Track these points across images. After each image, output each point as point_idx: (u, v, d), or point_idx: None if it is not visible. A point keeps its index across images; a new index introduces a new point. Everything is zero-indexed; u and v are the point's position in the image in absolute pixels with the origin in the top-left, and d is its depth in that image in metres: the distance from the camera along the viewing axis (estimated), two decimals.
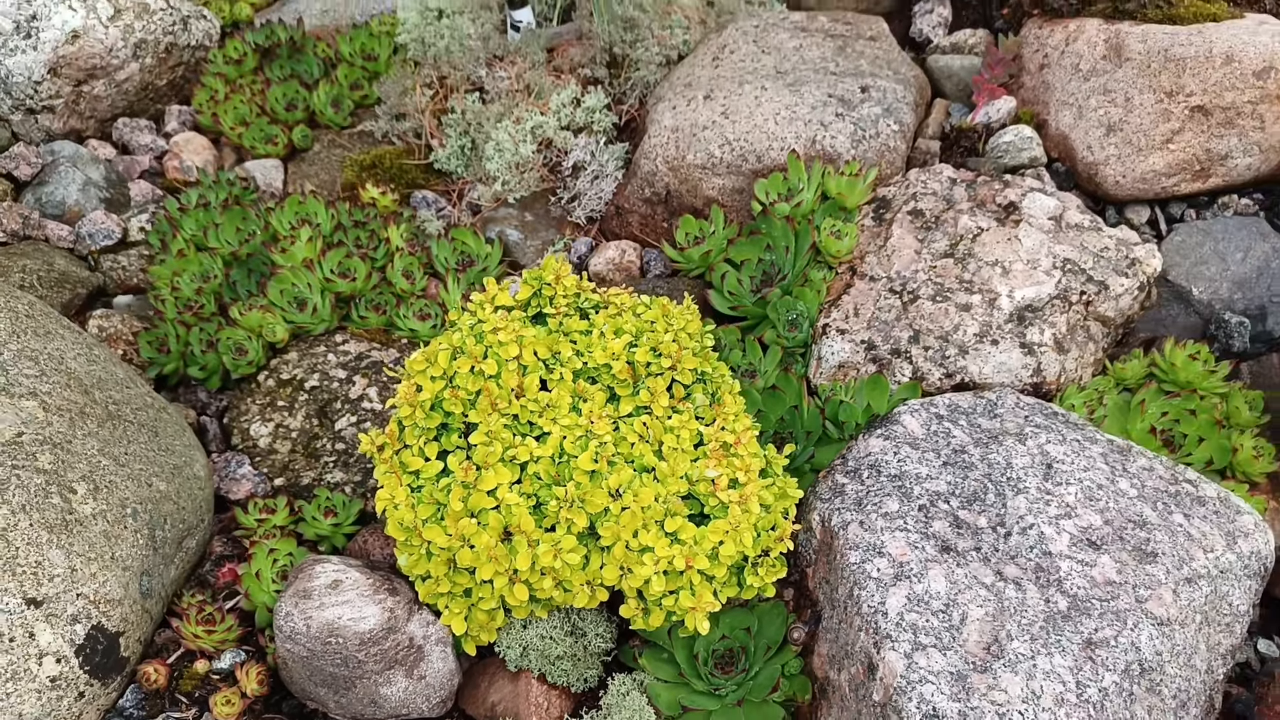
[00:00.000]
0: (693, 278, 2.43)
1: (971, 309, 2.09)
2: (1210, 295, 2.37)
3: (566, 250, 2.64)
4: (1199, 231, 2.45)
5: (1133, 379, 2.15)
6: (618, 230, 2.68)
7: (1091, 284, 2.13)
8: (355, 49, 3.17)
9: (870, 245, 2.26)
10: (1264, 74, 2.33)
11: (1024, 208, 2.24)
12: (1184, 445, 2.02)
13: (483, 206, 2.80)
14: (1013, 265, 2.14)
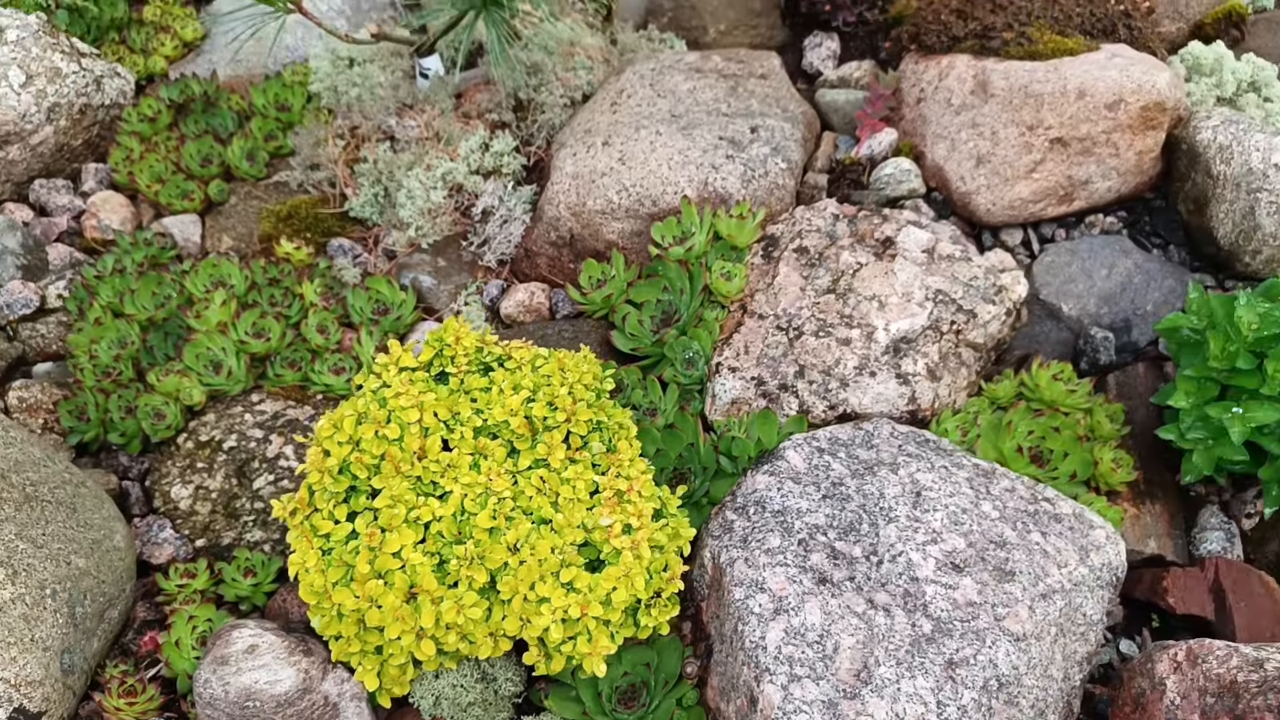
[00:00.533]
0: (597, 319, 2.54)
1: (851, 343, 2.23)
2: (1079, 311, 2.54)
3: (479, 293, 2.75)
4: (1067, 251, 2.62)
5: (1005, 399, 2.31)
6: (528, 272, 2.78)
7: (961, 313, 2.29)
8: (269, 100, 3.24)
9: (760, 283, 2.40)
10: (1114, 106, 2.50)
11: (899, 242, 2.40)
12: (1051, 460, 2.19)
13: (398, 252, 2.89)
14: (889, 299, 2.29)
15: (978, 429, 2.24)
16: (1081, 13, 2.79)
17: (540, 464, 1.89)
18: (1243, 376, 2.03)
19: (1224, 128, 2.54)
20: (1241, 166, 2.48)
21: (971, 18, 2.81)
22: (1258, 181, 2.46)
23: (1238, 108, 2.91)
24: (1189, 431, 2.09)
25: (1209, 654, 1.61)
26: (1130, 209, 2.77)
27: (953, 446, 2.07)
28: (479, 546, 1.71)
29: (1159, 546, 2.15)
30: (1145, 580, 2.10)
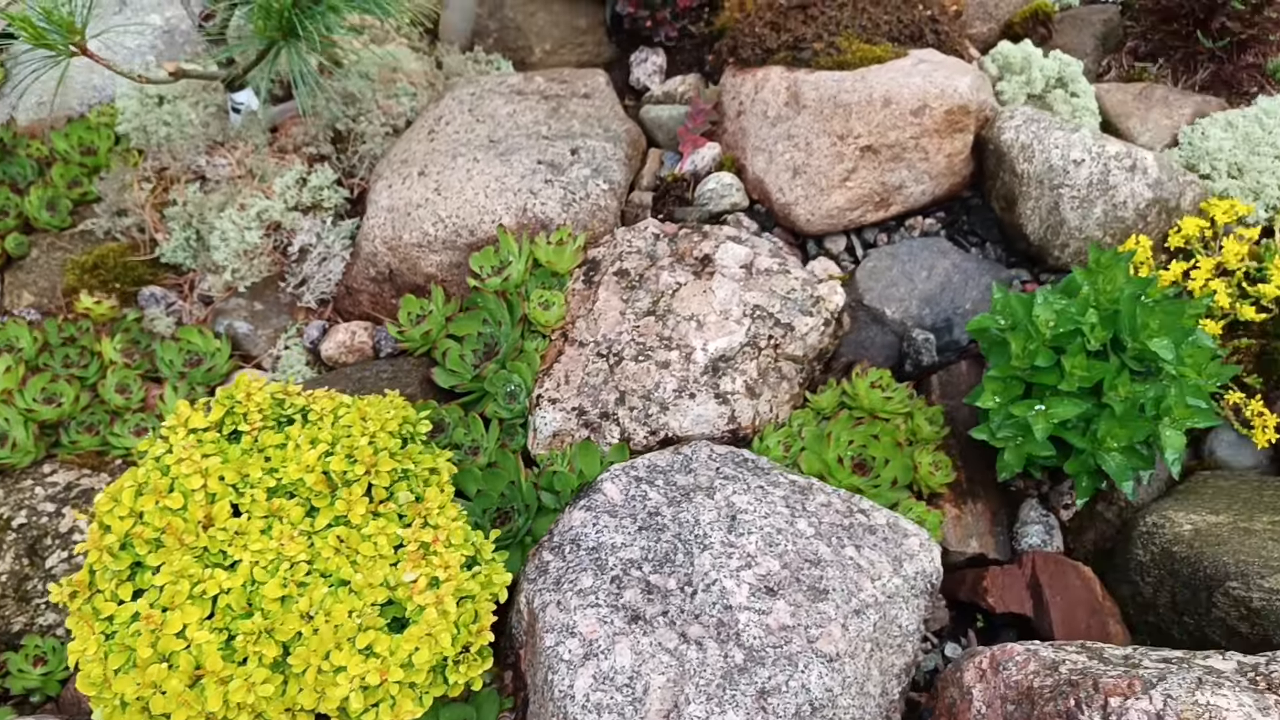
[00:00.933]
0: (419, 356, 2.47)
1: (670, 365, 2.21)
2: (902, 314, 2.57)
3: (300, 336, 2.64)
4: (888, 256, 2.65)
5: (828, 409, 2.32)
6: (351, 310, 2.69)
7: (779, 327, 2.28)
8: (71, 144, 3.07)
9: (581, 309, 2.36)
10: (920, 112, 2.54)
11: (717, 259, 2.38)
12: (874, 468, 2.20)
13: (214, 297, 2.76)
14: (707, 318, 2.27)
15: (802, 442, 2.24)
16: (889, 20, 2.83)
17: (340, 521, 1.81)
18: (1044, 374, 2.07)
19: (1025, 127, 2.60)
20: (1043, 164, 2.54)
21: (784, 29, 2.82)
22: (1059, 178, 2.52)
23: (1047, 104, 2.99)
24: (999, 431, 2.12)
25: (1009, 660, 1.63)
26: (948, 209, 2.82)
27: (771, 464, 2.06)
28: (269, 618, 1.63)
29: (981, 545, 2.18)
30: (968, 581, 2.13)
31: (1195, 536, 1.96)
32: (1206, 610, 1.90)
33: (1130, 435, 1.99)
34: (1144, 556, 2.02)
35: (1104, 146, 2.53)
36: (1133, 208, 2.54)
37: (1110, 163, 2.52)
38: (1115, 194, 2.52)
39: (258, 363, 2.61)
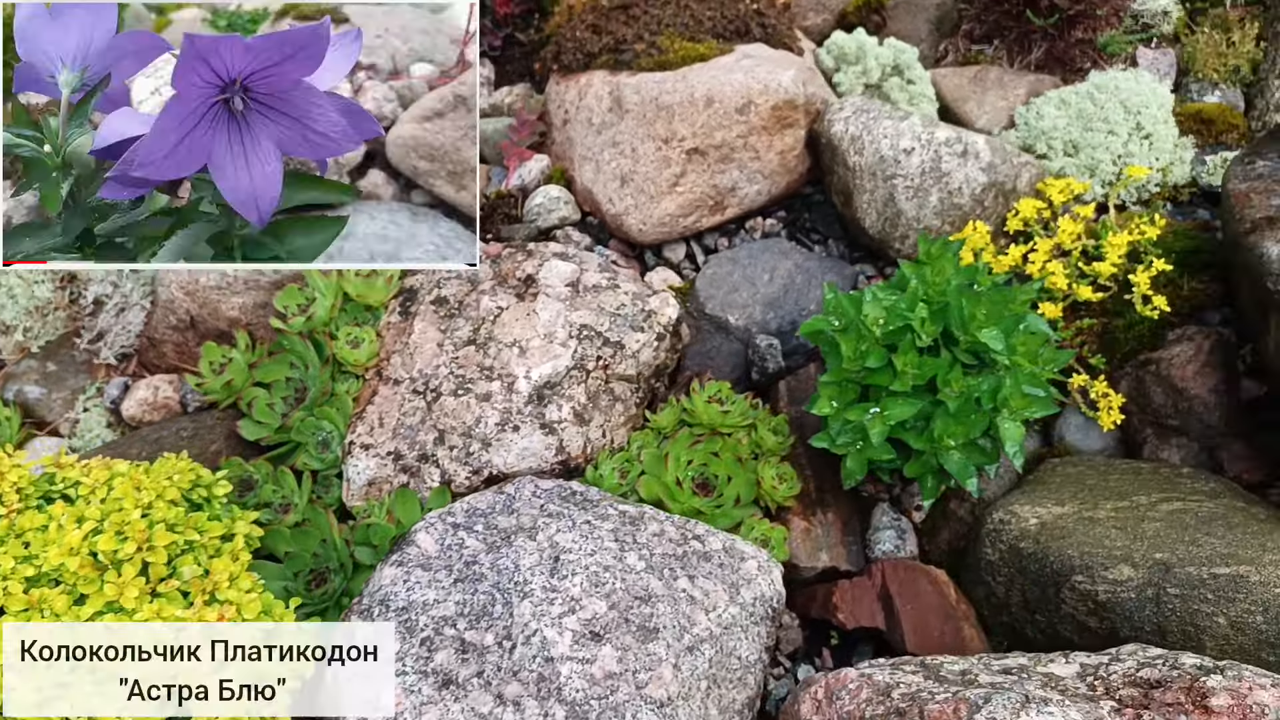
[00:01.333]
0: (226, 409, 2.27)
1: (492, 398, 2.06)
2: (746, 320, 2.47)
3: (100, 395, 2.42)
4: (728, 261, 2.55)
5: (669, 427, 2.20)
6: (157, 363, 2.48)
7: (608, 346, 2.16)
8: None
9: (396, 344, 2.20)
10: (745, 109, 2.45)
11: (541, 279, 2.25)
12: (717, 486, 2.09)
13: (6, 360, 2.52)
14: (530, 343, 2.13)
15: (640, 466, 2.12)
16: (713, 16, 2.73)
17: (111, 608, 1.61)
18: (877, 375, 1.98)
19: (855, 118, 2.52)
20: (874, 155, 2.47)
21: (605, 31, 2.71)
22: (891, 168, 2.45)
23: (884, 93, 2.93)
24: (838, 437, 2.03)
25: (843, 688, 1.52)
26: (789, 208, 2.74)
27: (601, 495, 1.93)
28: None
29: (832, 558, 2.09)
30: (819, 597, 2.02)
31: (1041, 531, 1.89)
32: (1056, 607, 1.83)
33: (967, 431, 1.92)
34: (993, 555, 1.94)
35: (933, 133, 2.47)
36: (968, 193, 2.48)
37: (941, 149, 2.46)
38: (949, 181, 2.46)
39: (53, 429, 2.38)
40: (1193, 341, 2.23)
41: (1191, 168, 2.75)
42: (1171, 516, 1.83)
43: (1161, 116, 2.78)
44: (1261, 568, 1.65)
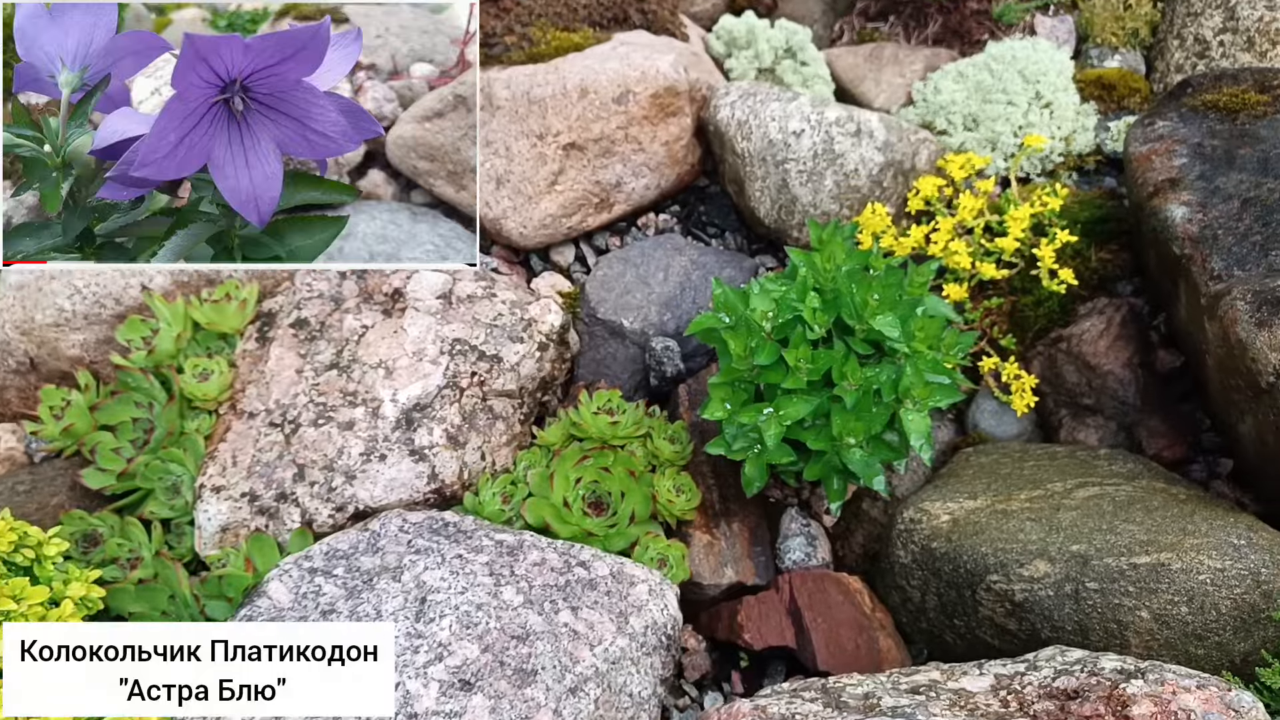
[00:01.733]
0: (71, 456, 2.06)
1: (355, 425, 1.88)
2: (642, 323, 2.31)
3: None
4: (619, 261, 2.39)
5: (558, 443, 2.03)
6: (1, 411, 2.26)
7: (484, 361, 1.99)
8: None
9: (252, 374, 2.01)
10: (622, 99, 2.30)
11: (409, 292, 2.07)
12: (611, 504, 1.92)
13: None
14: (397, 363, 1.95)
15: (528, 487, 1.95)
16: (589, 4, 2.58)
17: None
18: (770, 372, 1.84)
19: (741, 103, 2.38)
20: (763, 140, 2.33)
21: None
22: (781, 152, 2.32)
23: (777, 76, 2.80)
24: (734, 442, 1.88)
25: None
26: (683, 201, 2.59)
27: (477, 525, 1.76)
28: None
29: (739, 573, 1.94)
30: (725, 616, 1.87)
31: (953, 528, 1.75)
32: (974, 610, 1.69)
33: (868, 427, 1.78)
34: (905, 558, 1.80)
35: (824, 113, 2.34)
36: (865, 175, 2.35)
37: (832, 129, 2.33)
38: (844, 162, 2.33)
39: None
40: (1103, 315, 2.12)
41: (1095, 135, 2.66)
42: (1088, 503, 1.70)
43: (1061, 84, 2.68)
44: (1183, 553, 1.53)
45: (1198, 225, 1.93)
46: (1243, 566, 1.51)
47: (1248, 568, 1.51)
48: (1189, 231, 1.93)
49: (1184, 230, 1.94)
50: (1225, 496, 1.90)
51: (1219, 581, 1.50)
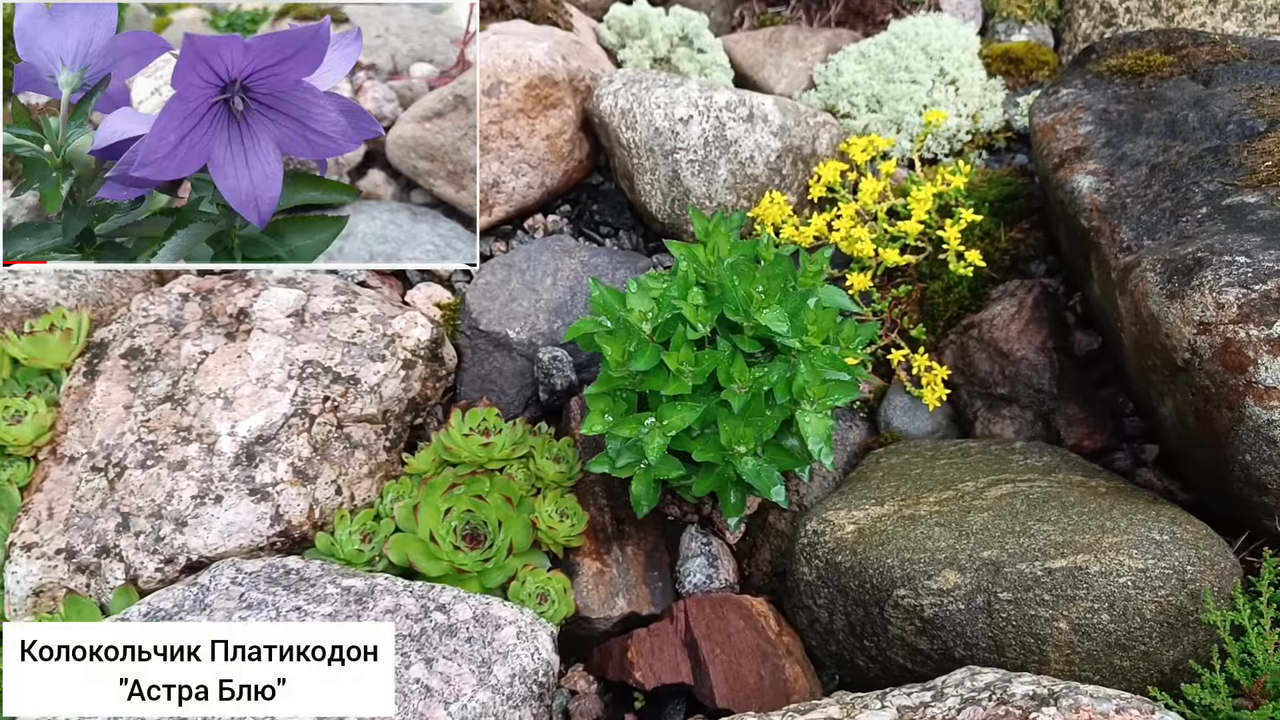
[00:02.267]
0: None
1: (188, 465, 1.67)
2: (529, 334, 2.12)
3: None
4: (503, 267, 2.21)
5: (430, 470, 1.84)
6: None
7: (339, 383, 1.79)
8: None
9: (77, 413, 1.79)
10: (494, 91, 2.12)
11: (256, 311, 1.87)
12: (488, 535, 1.73)
13: None
14: (239, 391, 1.75)
15: (394, 521, 1.75)
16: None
17: None
18: (651, 379, 1.66)
19: (625, 90, 2.21)
20: (649, 129, 2.16)
21: None
22: (670, 141, 2.15)
23: (673, 65, 2.65)
24: (619, 458, 1.69)
25: None
26: (574, 200, 2.42)
27: (323, 571, 1.56)
28: None
29: (631, 602, 1.75)
30: (615, 653, 1.68)
31: (859, 539, 1.58)
32: (883, 629, 1.52)
33: (759, 432, 1.60)
34: (809, 574, 1.63)
35: (712, 98, 2.17)
36: (762, 162, 2.19)
37: (723, 114, 2.16)
38: (738, 150, 2.17)
39: None
40: (1014, 297, 1.97)
41: (1004, 111, 2.53)
42: (1000, 503, 1.54)
43: (966, 60, 2.55)
44: (1101, 554, 1.37)
45: (1105, 195, 1.79)
46: (1166, 565, 1.35)
47: (1171, 566, 1.35)
48: (1096, 202, 1.79)
49: (1091, 201, 1.79)
50: (1152, 486, 1.75)
51: (1141, 584, 1.34)
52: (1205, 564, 1.37)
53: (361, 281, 2.15)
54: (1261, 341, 1.38)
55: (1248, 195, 1.65)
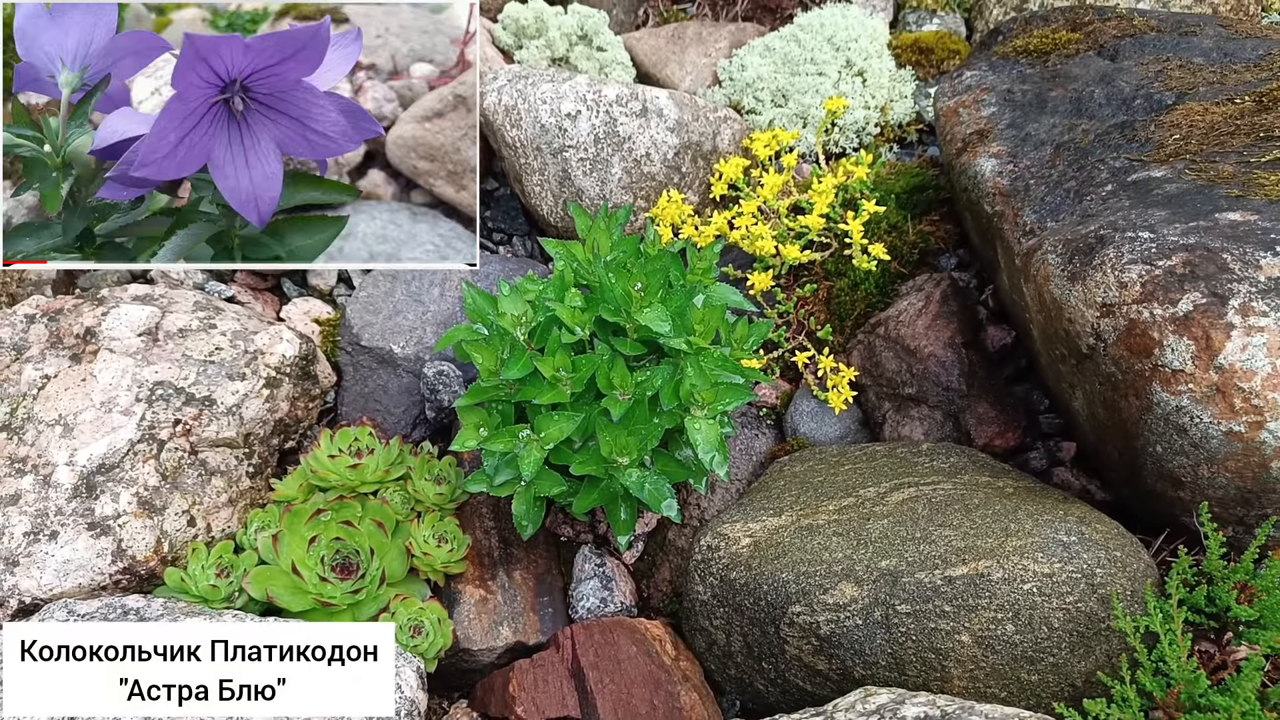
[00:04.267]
0: None
1: (22, 499, 1.51)
2: (415, 349, 1.99)
3: None
4: (387, 278, 2.07)
5: (298, 498, 1.69)
6: None
7: (192, 404, 1.64)
8: None
9: None
10: None
11: (104, 330, 1.71)
12: (360, 564, 1.59)
13: None
14: (80, 416, 1.59)
15: (256, 555, 1.60)
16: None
17: None
18: (528, 388, 1.53)
19: (509, 87, 2.10)
20: (534, 126, 2.04)
21: None
22: (558, 139, 2.03)
23: (572, 63, 2.53)
24: (497, 475, 1.56)
25: None
26: None
27: (164, 610, 1.40)
28: None
29: (517, 630, 1.62)
30: (498, 687, 1.54)
31: (754, 553, 1.46)
32: (780, 650, 1.40)
33: (643, 442, 1.48)
34: (704, 593, 1.51)
35: (601, 92, 2.06)
36: (659, 159, 2.08)
37: (614, 109, 2.05)
38: (633, 146, 2.06)
39: None
40: (921, 292, 1.88)
41: (914, 102, 2.44)
42: (902, 508, 1.43)
43: (874, 50, 2.46)
44: (1004, 559, 1.26)
45: (1008, 178, 1.70)
46: (1074, 568, 1.25)
47: (1080, 569, 1.25)
48: (999, 186, 1.70)
49: (994, 185, 1.70)
50: (1069, 486, 1.66)
51: (1048, 590, 1.23)
52: (1116, 566, 1.27)
53: (230, 297, 2.01)
54: (1166, 321, 1.29)
55: (1154, 170, 1.56)
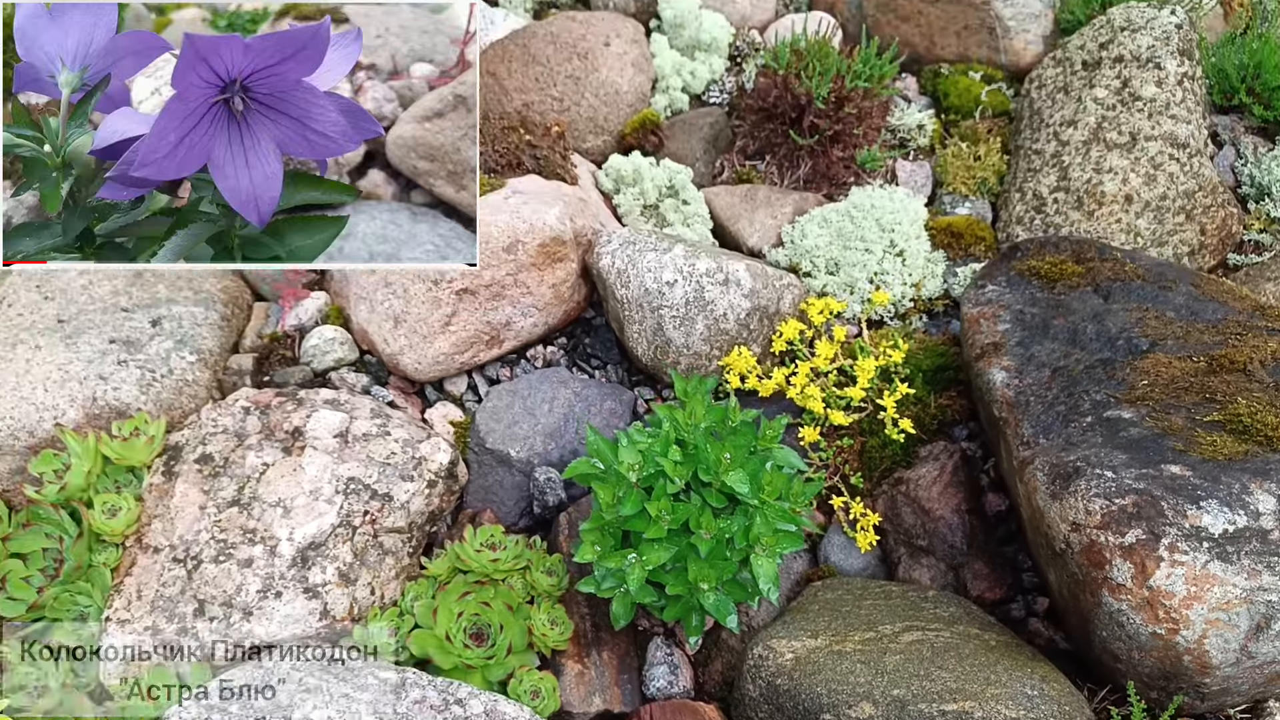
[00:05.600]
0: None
1: (254, 563, 2.03)
2: (528, 453, 2.50)
3: None
4: (507, 393, 2.59)
5: (445, 575, 2.20)
6: None
7: (376, 499, 2.16)
8: None
9: (158, 508, 2.14)
10: (512, 249, 2.51)
11: (309, 431, 2.23)
12: (490, 635, 2.10)
13: None
14: (295, 501, 2.11)
15: (414, 619, 2.11)
16: (485, 151, 2.79)
17: None
18: (635, 520, 2.05)
19: (620, 252, 2.62)
20: (639, 288, 2.56)
21: None
22: (657, 300, 2.55)
23: (660, 213, 3.05)
24: (604, 582, 2.08)
25: None
26: (570, 333, 2.81)
27: (363, 664, 1.92)
28: None
29: (606, 701, 2.13)
30: None
31: (795, 666, 1.98)
32: None
33: (720, 574, 2.00)
34: (754, 691, 2.02)
35: (694, 264, 2.59)
36: (734, 319, 2.60)
37: (703, 279, 2.57)
38: (714, 308, 2.58)
39: None
40: (937, 461, 2.39)
41: (944, 280, 2.96)
42: (911, 648, 1.95)
43: (914, 232, 2.99)
44: (984, 702, 1.78)
45: (1014, 390, 2.21)
46: (1034, 716, 1.76)
47: (1038, 717, 1.76)
48: (1006, 396, 2.21)
49: (1003, 394, 2.22)
50: (1040, 635, 2.17)
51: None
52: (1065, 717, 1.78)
53: (390, 401, 2.53)
54: (1116, 547, 1.80)
55: (1124, 410, 2.07)
